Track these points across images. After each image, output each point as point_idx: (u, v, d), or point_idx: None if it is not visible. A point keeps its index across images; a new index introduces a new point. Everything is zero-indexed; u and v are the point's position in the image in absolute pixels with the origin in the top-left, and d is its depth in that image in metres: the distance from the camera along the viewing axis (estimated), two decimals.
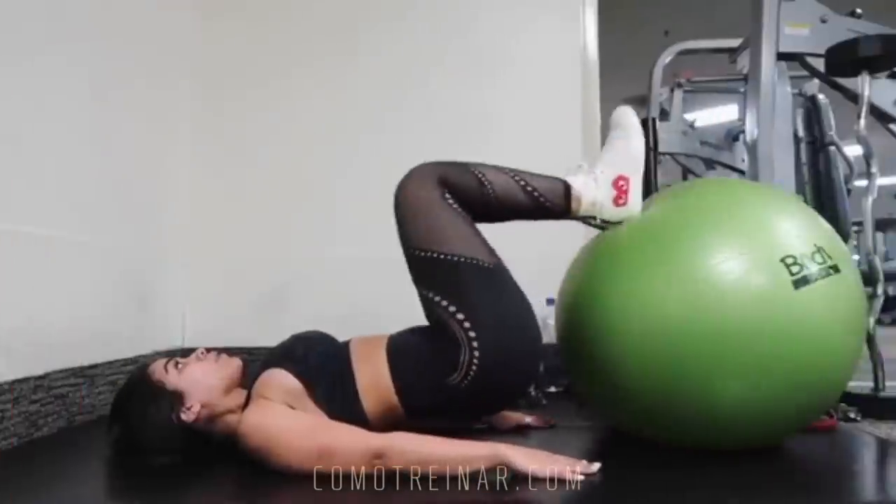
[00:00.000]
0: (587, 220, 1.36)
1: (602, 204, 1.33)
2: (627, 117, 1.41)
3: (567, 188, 1.33)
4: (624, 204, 1.33)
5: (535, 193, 1.32)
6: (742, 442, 1.21)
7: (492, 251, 1.30)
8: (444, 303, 1.24)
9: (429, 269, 1.27)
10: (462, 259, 1.25)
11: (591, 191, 1.33)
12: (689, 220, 1.26)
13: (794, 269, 1.13)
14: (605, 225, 1.35)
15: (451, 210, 1.28)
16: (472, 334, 1.22)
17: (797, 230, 1.20)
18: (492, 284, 1.27)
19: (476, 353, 1.21)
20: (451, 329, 1.23)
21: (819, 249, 1.16)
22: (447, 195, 1.28)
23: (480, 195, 1.30)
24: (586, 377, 1.37)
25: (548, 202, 1.33)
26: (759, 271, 1.14)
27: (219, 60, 2.32)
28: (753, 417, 1.16)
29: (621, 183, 1.33)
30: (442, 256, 1.25)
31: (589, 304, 1.29)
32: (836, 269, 1.16)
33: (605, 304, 1.25)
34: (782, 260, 1.13)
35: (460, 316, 1.23)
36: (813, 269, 1.14)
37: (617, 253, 1.29)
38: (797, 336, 1.12)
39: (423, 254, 1.27)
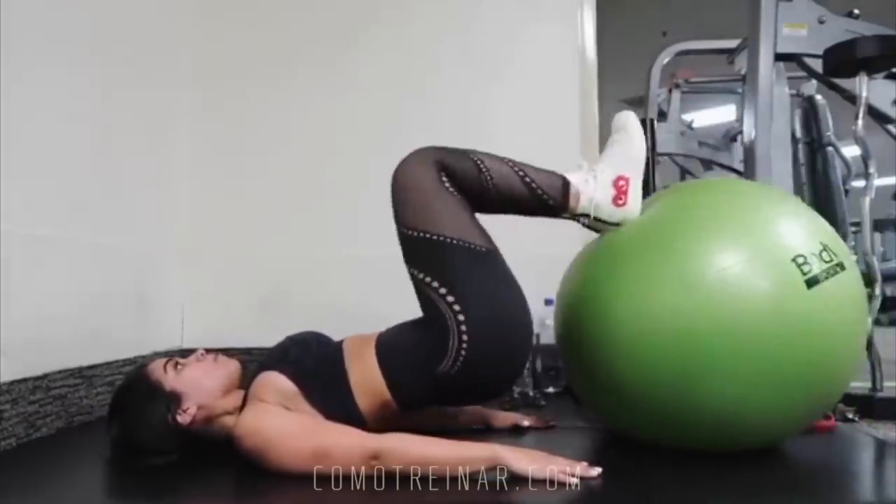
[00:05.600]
0: (583, 218, 1.34)
1: (601, 203, 1.32)
2: (629, 120, 1.41)
3: (566, 184, 1.32)
4: (623, 204, 1.32)
5: (534, 185, 1.31)
6: (746, 443, 1.21)
7: (487, 237, 1.29)
8: (435, 284, 1.23)
9: (420, 249, 1.26)
10: (453, 241, 1.24)
11: (590, 189, 1.32)
12: (692, 219, 1.25)
13: (805, 268, 1.12)
14: (601, 225, 1.34)
15: (447, 193, 1.26)
16: (460, 317, 1.20)
17: (802, 228, 1.20)
18: (483, 268, 1.26)
19: (465, 337, 1.20)
20: (441, 311, 1.22)
21: (825, 247, 1.16)
22: (444, 178, 1.27)
23: (478, 182, 1.29)
24: (586, 378, 1.37)
25: (545, 195, 1.31)
26: (770, 271, 1.13)
27: (219, 61, 2.32)
28: (759, 418, 1.16)
29: (621, 183, 1.32)
30: (433, 237, 1.24)
31: (590, 305, 1.29)
32: (841, 266, 1.16)
33: (607, 306, 1.24)
34: (793, 259, 1.13)
35: (450, 298, 1.21)
36: (822, 267, 1.13)
37: (619, 254, 1.28)
38: (808, 336, 1.12)
39: (414, 234, 1.26)
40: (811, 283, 1.12)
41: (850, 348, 1.20)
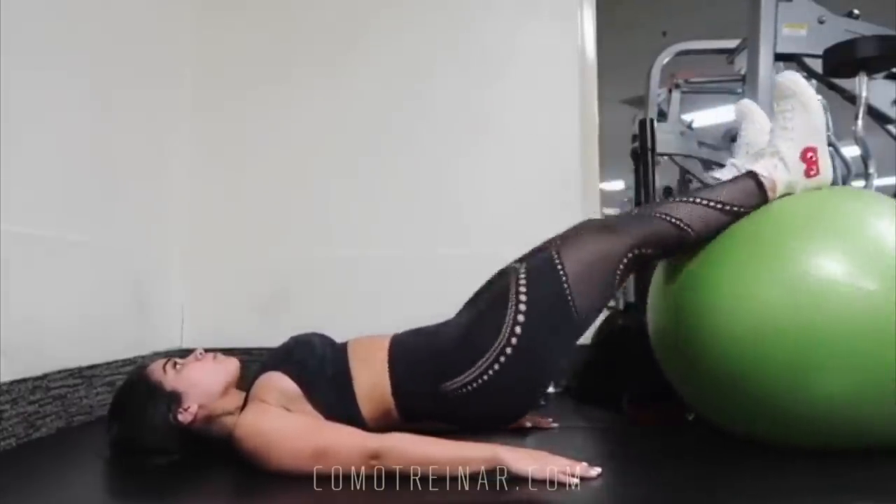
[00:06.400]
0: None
1: (795, 182, 1.31)
2: (799, 84, 1.35)
3: (758, 182, 1.31)
4: (816, 174, 1.32)
5: (733, 209, 1.29)
6: (855, 441, 1.20)
7: (594, 313, 1.31)
8: (523, 289, 1.25)
9: (547, 268, 1.27)
10: (569, 294, 1.25)
11: (782, 174, 1.31)
12: (818, 222, 1.24)
13: None
14: None
15: (612, 273, 1.28)
16: (513, 340, 1.22)
17: None
18: (565, 326, 1.27)
19: (507, 350, 1.22)
20: (504, 313, 1.23)
21: None
22: (627, 259, 1.28)
23: (680, 239, 1.29)
24: (688, 371, 1.36)
25: (745, 208, 1.30)
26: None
27: (218, 60, 2.32)
28: (869, 418, 1.16)
29: (810, 154, 1.31)
30: (563, 277, 1.26)
31: (695, 297, 1.28)
32: None
33: (714, 299, 1.24)
34: None
35: (522, 306, 1.23)
36: None
37: (728, 249, 1.28)
38: None
39: (557, 260, 1.27)
40: None
41: None
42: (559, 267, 1.27)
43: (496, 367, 1.21)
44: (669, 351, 1.40)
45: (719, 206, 1.29)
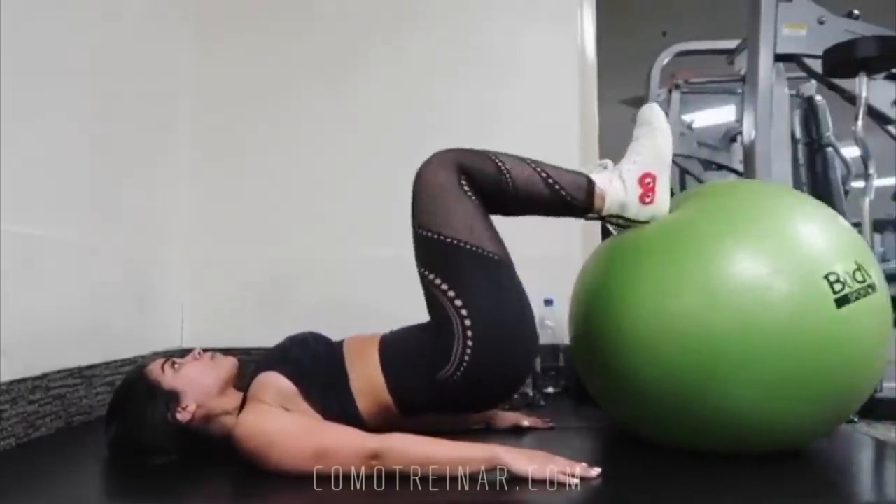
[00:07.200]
0: (611, 219, 1.34)
1: (628, 202, 1.31)
2: (654, 115, 1.38)
3: (590, 184, 1.31)
4: (651, 202, 1.31)
5: (557, 186, 1.30)
6: (760, 447, 1.20)
7: (500, 245, 1.28)
8: (444, 286, 1.23)
9: (432, 250, 1.26)
10: (465, 245, 1.24)
11: (617, 189, 1.31)
12: (724, 222, 1.22)
13: (837, 286, 1.10)
14: (629, 223, 1.33)
15: (465, 196, 1.27)
16: (467, 322, 1.21)
17: (837, 244, 1.18)
18: (492, 274, 1.26)
19: (469, 343, 1.20)
20: (447, 314, 1.22)
21: (859, 267, 1.14)
22: (463, 181, 1.27)
23: (498, 183, 1.28)
24: (601, 376, 1.36)
25: (569, 196, 1.30)
26: (801, 285, 1.11)
27: (218, 61, 2.32)
28: (774, 425, 1.16)
29: (648, 181, 1.31)
30: (446, 239, 1.24)
31: (610, 301, 1.27)
32: (872, 287, 1.14)
33: (628, 303, 1.22)
34: (826, 276, 1.11)
35: (458, 302, 1.22)
36: (854, 287, 1.11)
37: (643, 252, 1.26)
38: (831, 354, 1.11)
39: (428, 234, 1.26)
40: (841, 302, 1.10)
41: (872, 369, 1.19)
42: (431, 235, 1.26)
43: (470, 343, 1.20)
44: (585, 353, 1.39)
45: (545, 175, 1.30)
